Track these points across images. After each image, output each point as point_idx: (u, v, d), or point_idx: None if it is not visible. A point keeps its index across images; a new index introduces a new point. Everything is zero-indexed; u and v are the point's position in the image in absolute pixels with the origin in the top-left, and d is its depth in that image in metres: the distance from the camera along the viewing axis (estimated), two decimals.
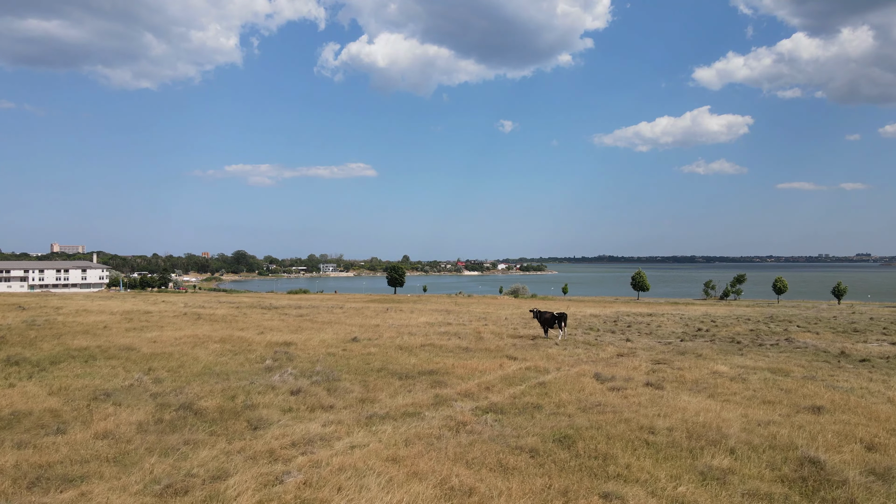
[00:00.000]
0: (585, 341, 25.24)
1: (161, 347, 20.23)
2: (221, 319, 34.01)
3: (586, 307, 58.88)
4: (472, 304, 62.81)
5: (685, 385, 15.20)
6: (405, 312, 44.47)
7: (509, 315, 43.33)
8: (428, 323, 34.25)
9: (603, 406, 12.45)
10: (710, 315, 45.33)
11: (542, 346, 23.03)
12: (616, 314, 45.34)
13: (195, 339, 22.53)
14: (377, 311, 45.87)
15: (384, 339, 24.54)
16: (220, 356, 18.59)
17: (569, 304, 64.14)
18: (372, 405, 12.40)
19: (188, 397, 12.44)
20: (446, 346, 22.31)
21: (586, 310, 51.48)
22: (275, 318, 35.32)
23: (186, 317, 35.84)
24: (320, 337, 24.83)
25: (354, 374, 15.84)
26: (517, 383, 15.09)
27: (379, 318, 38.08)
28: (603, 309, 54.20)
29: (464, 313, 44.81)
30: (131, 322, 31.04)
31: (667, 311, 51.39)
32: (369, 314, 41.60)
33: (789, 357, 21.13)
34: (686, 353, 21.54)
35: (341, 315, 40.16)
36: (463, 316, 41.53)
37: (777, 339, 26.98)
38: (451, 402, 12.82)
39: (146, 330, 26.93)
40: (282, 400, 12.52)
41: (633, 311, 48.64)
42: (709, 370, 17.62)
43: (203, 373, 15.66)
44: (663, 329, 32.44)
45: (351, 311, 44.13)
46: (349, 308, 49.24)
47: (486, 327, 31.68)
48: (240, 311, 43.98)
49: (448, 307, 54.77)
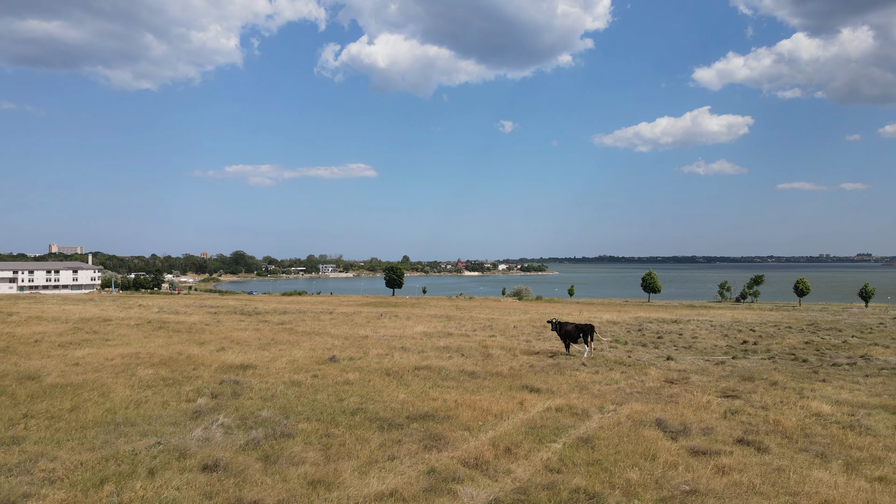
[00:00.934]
0: (618, 360, 20.51)
1: (75, 375, 15.52)
2: (187, 329, 29.32)
3: (600, 311, 54.11)
4: (474, 308, 58.08)
5: (792, 441, 10.50)
6: (401, 319, 39.76)
7: (518, 322, 38.59)
8: (425, 333, 29.54)
9: (699, 494, 7.77)
10: (743, 322, 40.56)
11: (567, 369, 18.32)
12: (637, 321, 40.60)
13: (128, 362, 17.81)
14: (369, 317, 41.17)
15: (370, 357, 19.82)
16: (145, 389, 13.89)
17: (581, 309, 59.33)
18: (328, 493, 7.71)
19: (18, 485, 7.67)
20: (447, 368, 17.59)
21: (601, 315, 46.73)
22: (249, 328, 30.61)
23: (149, 326, 31.16)
24: (292, 355, 20.12)
25: (317, 423, 11.15)
26: (549, 438, 10.40)
27: (370, 326, 33.37)
28: (619, 314, 49.45)
29: (466, 320, 40.11)
30: (76, 334, 26.36)
31: (689, 316, 46.66)
32: (360, 321, 36.89)
33: (886, 384, 16.41)
34: (754, 379, 16.81)
35: (328, 323, 35.44)
36: (465, 323, 36.81)
37: (850, 357, 22.24)
38: (454, 483, 8.13)
39: (83, 346, 22.23)
40: (182, 484, 7.82)
41: (654, 317, 43.91)
42: (804, 410, 12.92)
43: (99, 422, 10.96)
44: (702, 341, 27.70)
45: (340, 318, 39.42)
46: (339, 314, 44.54)
47: (494, 339, 26.97)
48: (216, 317, 39.31)
49: (448, 312, 50.06)
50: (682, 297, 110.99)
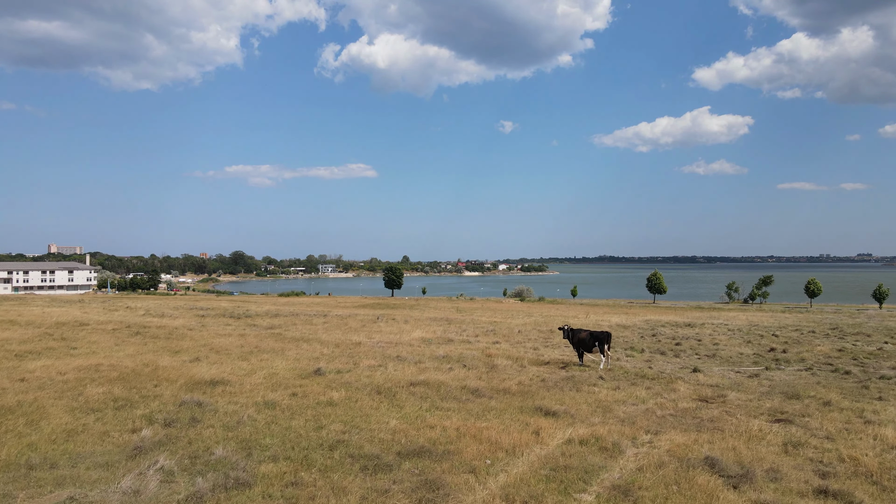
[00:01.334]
0: (639, 372, 18.30)
1: (13, 394, 13.30)
2: (166, 335, 27.11)
3: (606, 313, 51.88)
4: (475, 310, 55.87)
5: (885, 489, 8.29)
6: (398, 322, 37.56)
7: (522, 326, 36.38)
8: (423, 339, 27.33)
9: None
10: (761, 325, 38.31)
11: (584, 383, 16.12)
12: (648, 324, 38.38)
13: (83, 377, 15.58)
14: (365, 320, 38.97)
15: (360, 370, 17.61)
16: (87, 414, 11.68)
17: (587, 311, 57.07)
18: None
19: None
20: (447, 384, 15.38)
21: (609, 317, 44.51)
22: (234, 334, 28.39)
23: (126, 331, 28.96)
24: (273, 366, 17.92)
25: (285, 463, 8.93)
26: (577, 486, 8.19)
27: (364, 331, 31.15)
28: (627, 316, 47.23)
29: (467, 323, 37.92)
30: (41, 341, 24.16)
31: (702, 318, 44.43)
32: (354, 325, 34.67)
33: None
34: (801, 398, 14.60)
35: (320, 327, 33.22)
36: (467, 327, 34.61)
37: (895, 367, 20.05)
38: None
39: (43, 356, 20.01)
40: None
41: (666, 320, 41.68)
42: (879, 441, 10.72)
43: (11, 463, 8.75)
44: (724, 348, 25.47)
45: (334, 322, 37.21)
46: (334, 316, 42.34)
47: (498, 347, 24.76)
48: (202, 320, 37.12)
49: (449, 314, 47.85)
50: (687, 298, 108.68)
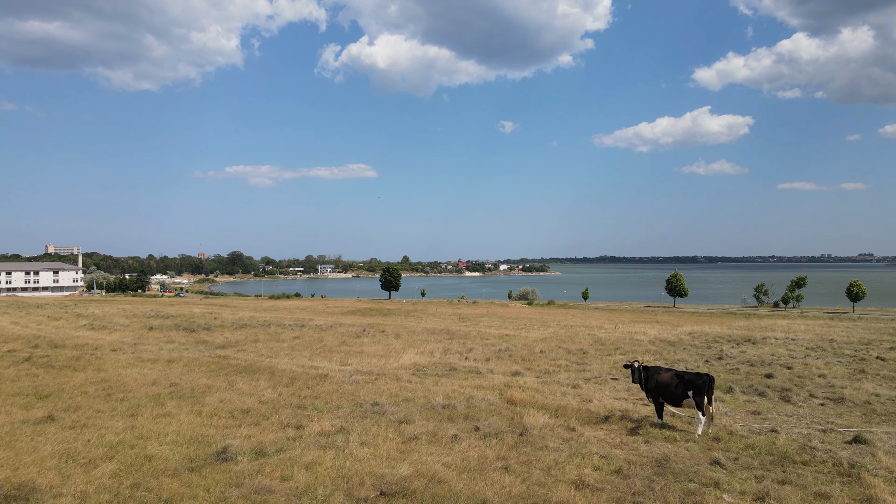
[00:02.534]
0: (769, 444, 11.01)
1: None
2: (62, 364, 19.85)
3: (634, 322, 44.51)
4: (480, 318, 48.52)
5: None
6: (387, 337, 30.33)
7: (542, 342, 29.11)
8: (416, 367, 20.12)
9: None
10: (840, 340, 30.76)
11: (695, 478, 8.90)
12: (697, 339, 31.06)
13: None
14: (347, 334, 31.73)
15: (303, 445, 10.35)
16: None
17: (609, 318, 49.40)
18: None
19: None
20: (451, 489, 8.18)
21: (643, 328, 37.21)
22: (162, 360, 21.07)
23: (11, 357, 21.76)
24: (150, 442, 10.69)
25: None
26: None
27: (340, 352, 23.92)
28: (662, 326, 39.92)
29: (473, 337, 30.69)
30: None
31: (754, 329, 37.08)
32: (331, 342, 27.43)
33: None
34: None
35: (285, 347, 25.98)
36: (473, 344, 27.38)
37: None
38: None
39: None
40: None
41: (714, 332, 34.36)
42: None
43: None
44: (839, 381, 18.10)
45: (307, 337, 29.96)
46: (312, 328, 35.13)
47: (521, 381, 17.52)
48: (145, 335, 29.91)
49: (450, 324, 40.59)
50: (706, 301, 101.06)
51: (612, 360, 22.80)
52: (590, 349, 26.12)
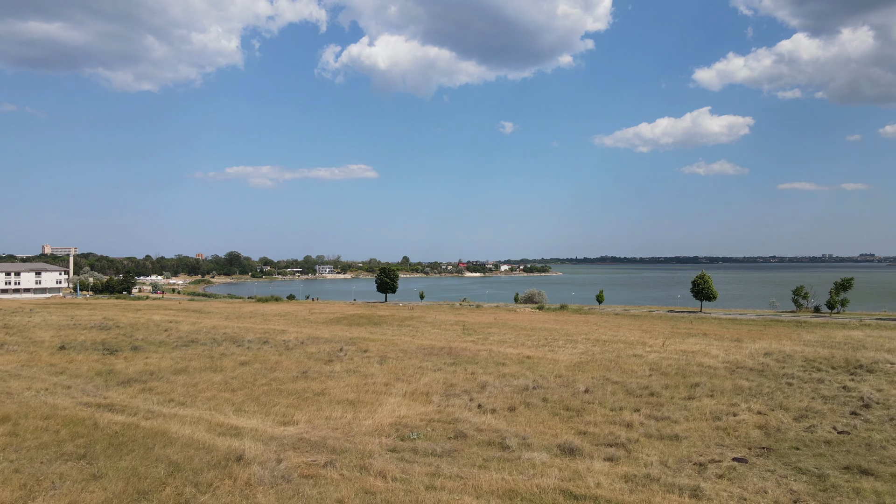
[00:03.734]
0: None
1: None
2: None
3: (679, 336, 36.41)
4: (489, 329, 40.55)
5: None
6: (370, 362, 22.39)
7: (581, 371, 21.12)
8: (401, 429, 12.20)
9: None
10: None
11: None
12: (785, 363, 23.06)
13: None
14: (318, 356, 23.80)
15: None
16: None
17: (652, 333, 41.08)
18: None
19: None
20: None
21: (704, 347, 29.20)
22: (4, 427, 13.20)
23: None
24: None
25: None
26: None
27: (289, 397, 15.95)
28: (718, 343, 31.90)
29: (485, 364, 22.75)
30: None
31: (831, 344, 29.10)
32: (287, 374, 19.44)
33: None
34: None
35: (217, 383, 18.03)
36: (487, 378, 19.43)
37: None
38: None
39: None
40: None
41: (795, 353, 26.34)
42: None
43: None
44: None
45: (259, 365, 22.03)
46: (276, 345, 27.22)
47: (590, 477, 9.61)
48: (51, 357, 22.05)
49: (452, 340, 32.67)
50: (733, 305, 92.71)
51: (700, 409, 14.92)
52: (654, 384, 18.22)
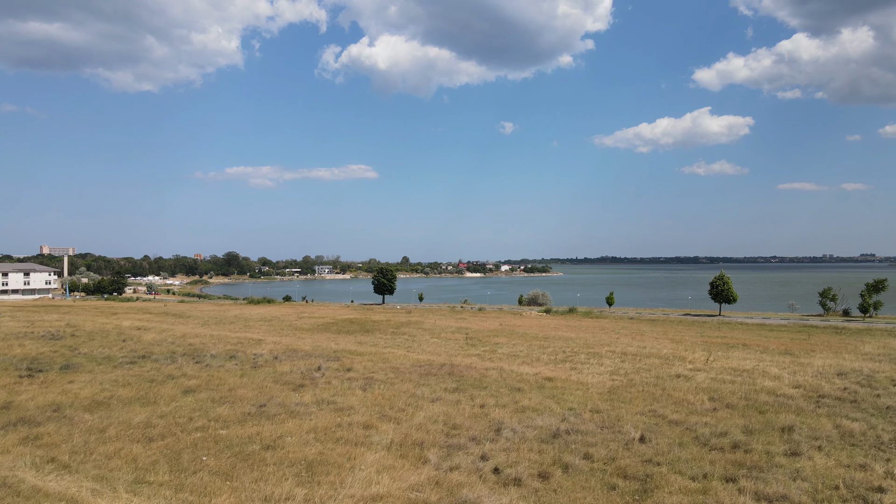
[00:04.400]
0: None
1: None
2: None
3: (716, 347, 31.76)
4: (497, 340, 35.88)
5: None
6: (351, 388, 17.69)
7: (620, 402, 16.40)
8: None
9: None
10: None
11: None
12: (871, 386, 18.38)
13: None
14: (289, 378, 19.13)
15: None
16: None
17: (684, 343, 36.31)
18: None
19: None
20: None
21: (758, 364, 24.53)
22: None
23: None
24: None
25: None
26: None
27: (228, 454, 11.32)
28: (769, 358, 27.22)
29: (496, 391, 18.08)
30: None
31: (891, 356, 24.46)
32: (239, 409, 14.72)
33: None
34: None
35: (136, 427, 13.36)
36: (503, 416, 14.72)
37: None
38: None
39: None
40: None
41: (875, 371, 21.69)
42: None
43: None
44: None
45: (209, 393, 17.36)
46: (243, 362, 22.60)
47: None
48: None
49: (454, 353, 28.02)
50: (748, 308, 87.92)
51: (818, 473, 10.34)
52: (729, 426, 13.54)
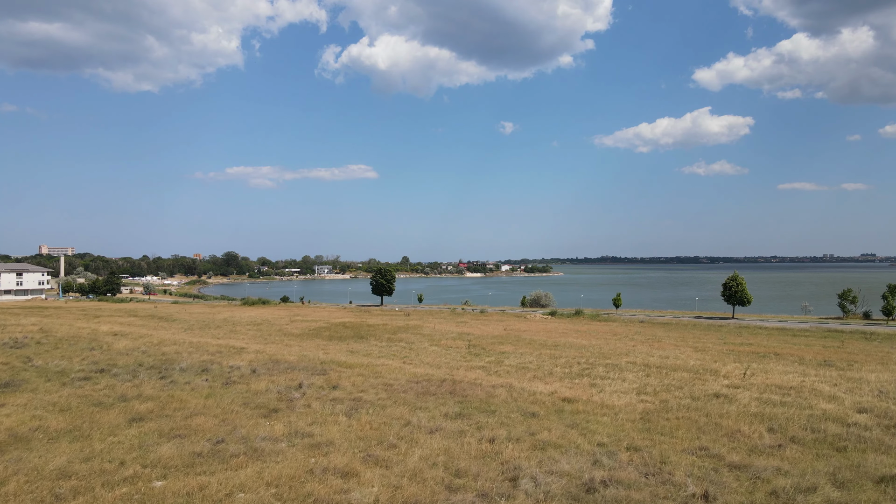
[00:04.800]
0: None
1: None
2: None
3: (747, 357, 28.88)
4: (503, 349, 32.99)
5: None
6: (335, 411, 14.76)
7: (657, 433, 13.41)
8: None
9: None
10: None
11: None
12: None
13: None
14: (262, 400, 16.21)
15: None
16: None
17: (709, 351, 33.41)
18: None
19: None
20: None
21: (806, 380, 21.59)
22: None
23: None
24: None
25: None
26: None
27: None
28: (815, 373, 24.27)
29: (506, 419, 15.15)
30: None
31: None
32: (178, 456, 11.85)
33: None
34: None
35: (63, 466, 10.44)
36: (518, 457, 11.69)
37: None
38: None
39: None
40: None
41: None
42: None
43: None
44: None
45: (176, 413, 14.44)
46: (217, 376, 19.71)
47: None
48: None
49: (455, 365, 25.14)
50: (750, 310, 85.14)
51: None
52: (805, 471, 10.62)
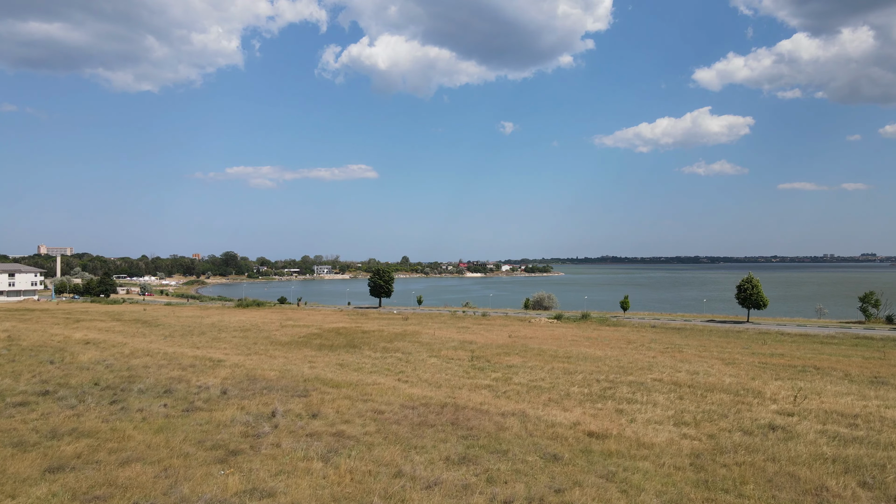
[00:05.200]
0: None
1: None
2: None
3: (785, 373, 25.87)
4: (509, 360, 30.05)
5: None
6: (308, 453, 11.88)
7: (719, 488, 10.52)
8: None
9: None
10: None
11: None
12: None
13: None
14: (227, 433, 13.32)
15: None
16: None
17: (740, 364, 30.21)
18: None
19: None
20: None
21: (872, 407, 18.81)
22: None
23: None
24: None
25: None
26: None
27: None
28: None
29: (519, 453, 12.25)
30: None
31: None
32: None
33: None
34: None
35: None
36: None
37: None
38: None
39: None
40: None
41: None
42: None
43: None
44: None
45: (108, 458, 11.54)
46: (180, 400, 16.83)
47: None
48: None
49: (457, 380, 22.20)
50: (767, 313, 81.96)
51: None
52: None
